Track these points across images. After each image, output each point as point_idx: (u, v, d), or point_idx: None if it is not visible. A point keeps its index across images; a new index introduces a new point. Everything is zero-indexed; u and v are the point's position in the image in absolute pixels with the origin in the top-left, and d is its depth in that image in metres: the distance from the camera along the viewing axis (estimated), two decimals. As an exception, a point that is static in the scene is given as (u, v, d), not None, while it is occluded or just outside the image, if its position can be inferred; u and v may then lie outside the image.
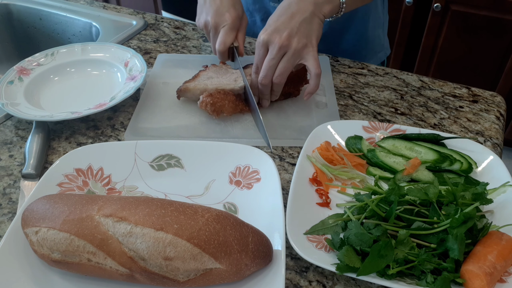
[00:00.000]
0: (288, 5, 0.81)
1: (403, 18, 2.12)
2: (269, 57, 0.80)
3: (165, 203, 0.56)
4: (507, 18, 1.90)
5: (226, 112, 0.83)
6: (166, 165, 0.72)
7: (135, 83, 0.89)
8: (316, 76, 0.80)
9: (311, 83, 0.81)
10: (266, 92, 0.85)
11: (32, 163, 0.74)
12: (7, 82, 0.91)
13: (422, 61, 2.21)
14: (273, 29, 0.79)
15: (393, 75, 1.00)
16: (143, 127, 0.84)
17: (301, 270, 0.62)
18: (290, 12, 0.80)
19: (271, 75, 0.81)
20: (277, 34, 0.79)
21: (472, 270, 0.54)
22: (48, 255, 0.55)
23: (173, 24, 1.21)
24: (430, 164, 0.72)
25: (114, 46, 1.02)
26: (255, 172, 0.70)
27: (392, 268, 0.55)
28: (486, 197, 0.63)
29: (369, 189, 0.68)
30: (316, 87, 0.81)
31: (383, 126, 0.79)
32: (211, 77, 0.89)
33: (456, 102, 0.93)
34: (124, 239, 0.53)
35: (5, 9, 1.30)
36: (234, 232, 0.54)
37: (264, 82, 0.82)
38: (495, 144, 0.83)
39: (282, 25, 0.79)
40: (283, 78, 0.81)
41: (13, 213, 0.69)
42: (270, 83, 0.82)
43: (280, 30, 0.79)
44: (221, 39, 0.88)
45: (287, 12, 0.80)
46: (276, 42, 0.78)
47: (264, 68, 0.81)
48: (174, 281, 0.54)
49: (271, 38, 0.79)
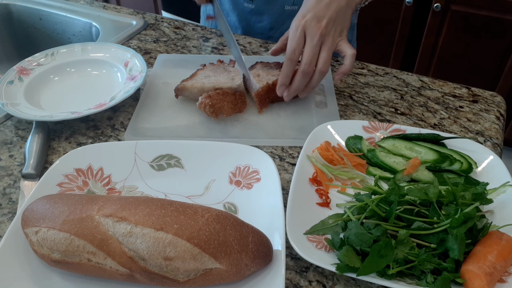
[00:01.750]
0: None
1: (403, 18, 2.12)
2: (311, 44, 0.78)
3: (165, 203, 0.56)
4: (507, 18, 1.90)
5: (225, 113, 0.83)
6: (166, 165, 0.72)
7: (135, 83, 0.89)
8: (352, 55, 0.80)
9: (346, 63, 0.81)
10: (303, 84, 0.82)
11: (32, 163, 0.74)
12: (7, 82, 0.91)
13: (422, 61, 2.21)
14: (312, 16, 0.78)
15: (393, 75, 1.00)
16: (143, 127, 0.84)
17: (301, 270, 0.62)
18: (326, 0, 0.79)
19: (315, 62, 0.80)
20: (317, 21, 0.78)
21: (472, 270, 0.54)
22: (48, 255, 0.55)
23: (173, 24, 1.21)
24: (430, 164, 0.72)
25: (114, 46, 1.02)
26: (255, 172, 0.70)
27: (392, 268, 0.55)
28: (486, 197, 0.63)
29: (369, 189, 0.68)
30: (351, 66, 0.81)
31: (383, 126, 0.79)
32: (208, 76, 0.89)
33: (456, 102, 0.93)
34: (124, 239, 0.53)
35: (5, 9, 1.30)
36: (234, 232, 0.54)
37: (309, 70, 0.80)
38: (495, 144, 0.83)
39: (320, 12, 0.78)
40: (327, 67, 0.80)
41: (13, 213, 0.69)
42: (312, 72, 0.80)
43: (319, 17, 0.78)
44: None
45: (324, 0, 0.79)
46: (317, 29, 0.77)
47: (308, 55, 0.79)
48: (174, 281, 0.54)
49: (311, 24, 0.78)
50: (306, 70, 0.79)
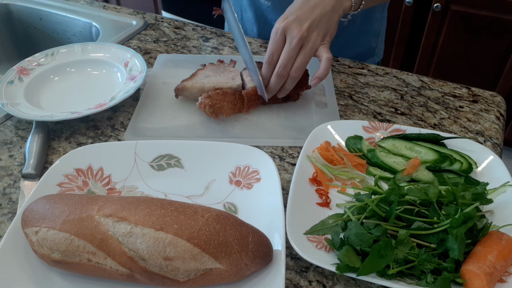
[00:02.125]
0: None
1: (403, 18, 2.12)
2: (289, 48, 0.77)
3: (165, 203, 0.56)
4: (507, 18, 1.90)
5: (224, 113, 0.83)
6: (166, 165, 0.72)
7: (135, 83, 0.89)
8: (327, 59, 0.78)
9: (321, 67, 0.79)
10: (278, 86, 0.82)
11: (32, 163, 0.74)
12: (7, 82, 0.91)
13: (422, 61, 2.21)
14: (294, 18, 0.77)
15: (393, 75, 1.00)
16: (143, 127, 0.84)
17: (301, 270, 0.62)
18: (312, 3, 0.78)
19: (290, 66, 0.79)
20: (298, 24, 0.76)
21: (472, 270, 0.54)
22: (48, 255, 0.55)
23: (173, 24, 1.21)
24: (430, 164, 0.72)
25: (114, 46, 1.02)
26: (255, 172, 0.70)
27: (392, 268, 0.55)
28: (486, 197, 0.63)
29: (369, 189, 0.68)
30: (326, 71, 0.79)
31: (383, 126, 0.79)
32: (208, 76, 0.89)
33: (456, 102, 0.93)
34: (124, 239, 0.53)
35: (5, 9, 1.30)
36: (234, 232, 0.54)
37: (282, 73, 0.79)
38: (495, 144, 0.83)
39: (303, 15, 0.77)
40: (300, 72, 0.80)
41: (13, 213, 0.69)
42: (287, 75, 0.80)
43: (301, 20, 0.76)
44: None
45: (309, 3, 0.78)
46: (297, 32, 0.76)
47: (283, 58, 0.78)
48: (174, 281, 0.54)
49: (291, 26, 0.76)
50: (280, 73, 0.79)
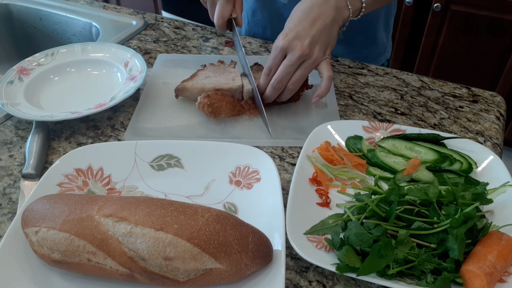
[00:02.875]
0: (309, 8, 0.78)
1: (403, 18, 2.12)
2: (287, 63, 0.77)
3: (165, 203, 0.56)
4: (507, 18, 1.90)
5: (223, 114, 0.83)
6: (166, 165, 0.72)
7: (135, 83, 0.89)
8: (328, 78, 0.78)
9: (322, 85, 0.79)
10: (273, 97, 0.82)
11: (32, 163, 0.74)
12: (7, 82, 0.91)
13: (422, 61, 2.21)
14: (294, 36, 0.76)
15: (393, 75, 1.00)
16: (143, 127, 0.84)
17: (301, 270, 0.62)
18: (311, 17, 0.77)
19: (286, 81, 0.79)
20: (298, 41, 0.76)
21: (472, 270, 0.54)
22: (48, 255, 0.55)
23: (173, 24, 1.21)
24: (430, 164, 0.72)
25: (114, 46, 1.02)
26: (255, 172, 0.70)
27: (392, 268, 0.55)
28: (486, 197, 0.63)
29: (369, 189, 0.68)
30: (327, 89, 0.79)
31: (383, 126, 0.79)
32: (208, 76, 0.89)
33: (456, 102, 0.93)
34: (124, 239, 0.53)
35: (5, 9, 1.30)
36: (234, 232, 0.54)
37: (277, 86, 0.79)
38: (495, 144, 0.83)
39: (303, 31, 0.76)
40: (297, 86, 0.80)
41: (13, 213, 0.69)
42: (283, 88, 0.80)
43: (301, 37, 0.76)
44: (219, 13, 0.86)
45: (309, 17, 0.77)
46: (297, 50, 0.75)
47: (280, 73, 0.78)
48: (174, 281, 0.54)
49: (291, 45, 0.76)
50: (275, 86, 0.79)
